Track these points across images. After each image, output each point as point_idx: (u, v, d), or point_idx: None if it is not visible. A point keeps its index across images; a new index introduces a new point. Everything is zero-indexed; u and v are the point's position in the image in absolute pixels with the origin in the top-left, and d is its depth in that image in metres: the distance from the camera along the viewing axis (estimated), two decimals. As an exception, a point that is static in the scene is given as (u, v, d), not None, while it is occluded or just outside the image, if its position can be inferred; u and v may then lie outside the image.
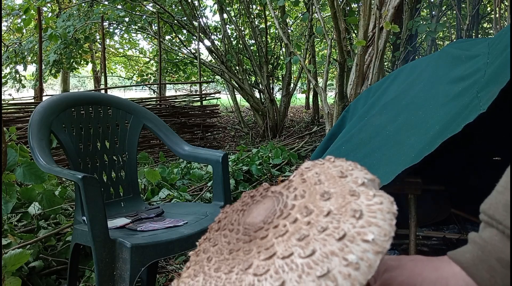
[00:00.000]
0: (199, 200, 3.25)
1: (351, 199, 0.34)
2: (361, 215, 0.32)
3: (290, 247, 0.32)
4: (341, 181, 0.36)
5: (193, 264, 0.39)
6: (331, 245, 0.31)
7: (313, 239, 0.32)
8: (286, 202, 0.37)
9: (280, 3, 5.30)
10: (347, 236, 0.31)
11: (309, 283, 0.30)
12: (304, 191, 0.37)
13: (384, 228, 0.31)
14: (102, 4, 7.84)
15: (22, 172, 2.01)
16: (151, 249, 1.41)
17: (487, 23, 9.90)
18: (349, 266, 0.30)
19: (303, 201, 0.36)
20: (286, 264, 0.31)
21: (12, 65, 8.07)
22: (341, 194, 0.35)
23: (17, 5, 8.08)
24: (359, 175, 0.36)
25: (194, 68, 10.94)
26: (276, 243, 0.33)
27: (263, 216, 0.37)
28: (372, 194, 0.34)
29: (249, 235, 0.36)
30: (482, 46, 1.87)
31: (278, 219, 0.35)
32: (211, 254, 0.38)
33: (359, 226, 0.32)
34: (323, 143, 2.73)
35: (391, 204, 0.33)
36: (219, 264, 0.36)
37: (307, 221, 0.33)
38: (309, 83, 8.86)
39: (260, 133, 7.39)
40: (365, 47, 3.81)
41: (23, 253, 1.61)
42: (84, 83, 26.28)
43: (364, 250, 0.30)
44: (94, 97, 2.01)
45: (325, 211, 0.33)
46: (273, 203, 0.38)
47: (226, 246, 0.37)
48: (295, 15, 10.72)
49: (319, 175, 0.38)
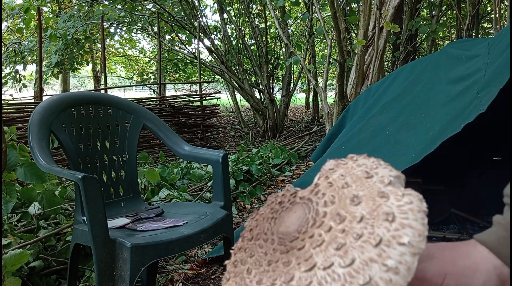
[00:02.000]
0: (199, 200, 3.25)
1: (381, 201, 0.34)
2: (393, 218, 0.33)
3: (330, 257, 0.33)
4: (368, 182, 0.37)
5: (232, 276, 0.39)
6: (369, 252, 0.32)
7: (350, 247, 0.32)
8: (317, 210, 0.37)
9: (280, 3, 5.30)
10: (383, 241, 0.32)
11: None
12: (333, 196, 0.37)
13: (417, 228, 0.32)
14: (102, 4, 7.84)
15: (22, 172, 2.01)
16: (151, 249, 1.41)
17: (487, 23, 9.90)
18: (389, 271, 0.30)
19: (334, 207, 0.36)
20: (328, 275, 0.32)
21: (12, 65, 8.07)
22: (370, 196, 0.35)
23: (17, 6, 8.08)
24: (385, 174, 0.37)
25: (194, 68, 10.94)
26: (315, 254, 0.34)
27: (296, 225, 0.37)
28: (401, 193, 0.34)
29: (285, 245, 0.36)
30: (482, 46, 1.87)
31: (312, 228, 0.36)
32: (250, 266, 0.38)
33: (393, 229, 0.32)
34: (323, 143, 2.73)
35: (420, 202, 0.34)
36: (260, 277, 0.36)
37: (342, 228, 0.34)
38: (309, 83, 8.86)
39: (260, 133, 7.39)
40: (365, 47, 3.81)
41: (23, 253, 1.61)
42: (84, 83, 26.28)
43: (402, 254, 0.31)
44: (94, 97, 2.01)
45: (358, 217, 0.34)
46: (304, 211, 0.38)
47: (263, 257, 0.37)
48: (295, 15, 10.71)
49: (345, 177, 0.38)
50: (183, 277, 2.19)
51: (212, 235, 1.62)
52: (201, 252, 2.49)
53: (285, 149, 5.12)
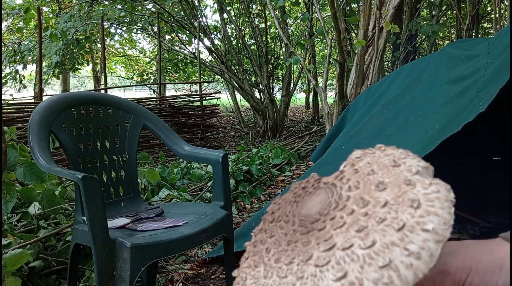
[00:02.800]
0: (199, 200, 3.25)
1: (407, 188, 0.34)
2: (419, 205, 0.32)
3: (350, 238, 0.32)
4: (395, 170, 0.36)
5: (251, 255, 0.39)
6: (390, 235, 0.31)
7: (372, 230, 0.32)
8: (341, 194, 0.36)
9: (280, 3, 5.30)
10: (406, 226, 0.31)
11: (372, 273, 0.30)
12: (357, 182, 0.37)
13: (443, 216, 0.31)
14: (103, 4, 7.84)
15: (22, 172, 2.01)
16: (151, 249, 1.41)
17: (487, 23, 9.90)
18: (410, 256, 0.30)
19: (358, 192, 0.36)
20: (347, 255, 0.32)
21: (12, 65, 8.08)
22: (396, 183, 0.34)
23: (17, 5, 8.08)
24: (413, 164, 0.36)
25: (194, 68, 10.94)
26: (335, 235, 0.33)
27: (319, 208, 0.37)
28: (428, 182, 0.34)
29: (306, 226, 0.36)
30: (482, 46, 1.88)
31: (334, 211, 0.35)
32: (269, 245, 0.38)
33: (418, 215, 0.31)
34: (323, 143, 2.73)
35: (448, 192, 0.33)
36: (278, 255, 0.36)
37: (364, 212, 0.33)
38: (309, 83, 8.86)
39: (260, 133, 7.39)
40: (365, 47, 3.82)
41: (23, 253, 1.61)
42: (84, 83, 26.28)
43: (425, 240, 0.30)
44: (94, 97, 2.01)
45: (382, 202, 0.33)
46: (327, 194, 0.38)
47: (283, 237, 0.37)
48: (295, 15, 10.71)
49: (372, 165, 0.38)
50: (183, 277, 2.19)
51: (212, 235, 1.62)
52: (201, 252, 2.49)
53: (285, 149, 5.12)
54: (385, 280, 0.29)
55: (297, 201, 0.40)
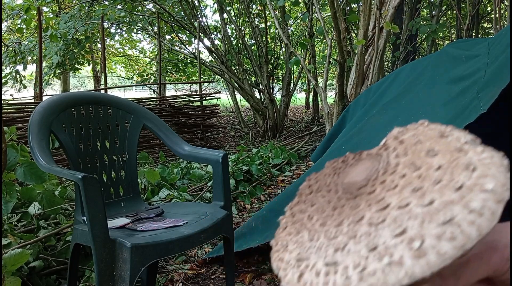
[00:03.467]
0: (199, 200, 3.25)
1: (459, 154, 0.32)
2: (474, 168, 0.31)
3: (405, 198, 0.30)
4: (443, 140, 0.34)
5: (290, 224, 0.36)
6: (449, 195, 0.30)
7: (428, 190, 0.30)
8: (389, 161, 0.34)
9: (280, 3, 5.30)
10: (464, 187, 0.30)
11: (433, 229, 0.28)
12: (405, 149, 0.35)
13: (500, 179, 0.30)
14: (103, 4, 7.84)
15: (22, 172, 2.01)
16: (151, 249, 1.41)
17: (487, 23, 9.90)
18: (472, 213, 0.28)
19: (408, 158, 0.34)
20: (404, 213, 0.30)
21: (12, 65, 8.08)
22: (447, 150, 0.33)
23: (17, 6, 8.08)
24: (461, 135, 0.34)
25: (194, 68, 10.95)
26: (388, 196, 0.31)
27: (365, 175, 0.34)
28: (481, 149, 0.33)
29: (352, 192, 0.34)
30: (482, 46, 1.87)
31: (384, 176, 0.33)
32: (311, 213, 0.35)
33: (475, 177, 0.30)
34: (323, 143, 2.73)
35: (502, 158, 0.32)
36: (323, 220, 0.33)
37: (418, 175, 0.32)
38: (309, 83, 8.86)
39: (260, 133, 7.39)
40: (365, 47, 3.82)
41: (23, 253, 1.61)
42: (84, 83, 26.28)
43: (485, 199, 0.29)
44: (94, 97, 2.01)
45: (435, 166, 0.32)
46: (372, 163, 0.35)
47: (326, 204, 0.35)
48: (295, 15, 10.72)
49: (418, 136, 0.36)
50: (183, 277, 2.19)
51: (212, 235, 1.62)
52: (201, 252, 2.49)
53: (285, 149, 5.12)
54: (448, 235, 0.28)
55: (337, 173, 0.37)
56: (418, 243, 0.28)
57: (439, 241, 0.28)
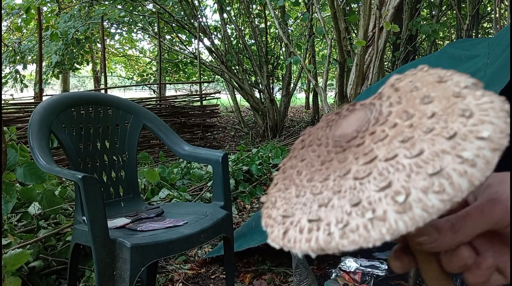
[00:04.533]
0: (199, 200, 3.25)
1: (456, 100, 0.30)
2: (471, 114, 0.29)
3: (393, 150, 0.29)
4: (441, 85, 0.32)
5: (281, 180, 0.35)
6: (440, 144, 0.28)
7: (418, 139, 0.28)
8: (381, 110, 0.33)
9: (280, 3, 5.30)
10: (458, 135, 0.28)
11: (420, 182, 0.27)
12: (399, 97, 0.33)
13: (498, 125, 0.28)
14: (103, 4, 7.84)
15: (22, 172, 2.01)
16: (151, 249, 1.41)
17: (487, 23, 9.90)
18: (464, 163, 0.27)
19: (401, 107, 0.32)
20: (390, 166, 0.28)
21: (12, 65, 8.08)
22: (444, 96, 0.31)
23: (17, 5, 8.08)
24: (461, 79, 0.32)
25: (194, 68, 10.95)
26: (376, 148, 0.30)
27: (356, 126, 0.33)
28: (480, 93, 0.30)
29: (341, 146, 0.32)
30: (482, 46, 1.87)
31: (374, 126, 0.31)
32: (300, 168, 0.34)
33: (471, 124, 0.28)
34: (323, 143, 2.73)
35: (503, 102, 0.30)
36: (311, 175, 0.32)
37: (409, 124, 0.30)
38: (309, 83, 8.87)
39: (260, 133, 7.39)
40: (365, 47, 3.81)
41: (23, 253, 1.61)
42: (84, 83, 26.27)
43: (479, 148, 0.27)
44: (94, 97, 2.01)
45: (429, 114, 0.30)
46: (365, 113, 0.34)
47: (316, 159, 0.33)
48: (295, 15, 10.72)
49: (414, 83, 0.34)
50: (183, 277, 2.19)
51: (212, 235, 1.62)
52: (201, 252, 2.49)
53: (285, 149, 5.12)
54: (436, 188, 0.26)
55: (330, 125, 0.36)
56: (403, 197, 0.27)
57: (426, 194, 0.26)
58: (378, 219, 0.27)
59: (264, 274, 2.22)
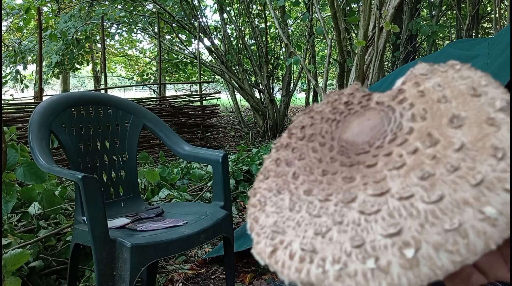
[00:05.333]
0: (199, 200, 3.25)
1: (489, 130, 0.26)
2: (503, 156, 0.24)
3: (410, 186, 0.25)
4: (474, 101, 0.27)
5: (273, 175, 0.31)
6: (464, 191, 0.24)
7: (440, 180, 0.25)
8: (401, 123, 0.28)
9: (280, 3, 5.30)
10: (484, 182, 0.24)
11: (433, 235, 0.23)
12: (424, 110, 0.28)
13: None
14: (103, 4, 7.85)
15: (22, 172, 2.01)
16: (151, 249, 1.41)
17: (487, 23, 9.90)
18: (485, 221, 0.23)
19: (425, 124, 0.27)
20: (403, 208, 0.24)
21: (12, 65, 8.08)
22: (475, 121, 0.26)
23: (17, 5, 8.08)
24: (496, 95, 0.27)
25: (194, 68, 10.95)
26: (390, 177, 0.26)
27: (369, 137, 0.29)
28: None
29: (349, 156, 0.29)
30: (482, 46, 1.87)
31: (390, 145, 0.27)
32: (297, 170, 0.30)
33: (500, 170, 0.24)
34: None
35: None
36: (309, 186, 0.29)
37: (432, 154, 0.26)
38: (309, 83, 8.87)
39: (260, 133, 7.39)
40: (365, 47, 3.81)
41: (23, 253, 1.61)
42: (84, 83, 26.27)
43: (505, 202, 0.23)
44: (94, 97, 2.01)
45: (457, 144, 0.26)
46: (381, 120, 0.29)
47: (316, 164, 0.30)
48: (295, 15, 10.72)
49: (443, 89, 0.29)
50: (183, 277, 2.19)
51: (212, 235, 1.62)
52: (201, 252, 2.49)
53: (285, 149, 5.12)
54: (449, 246, 0.23)
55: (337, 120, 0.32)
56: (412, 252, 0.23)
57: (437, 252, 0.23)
58: (380, 270, 0.24)
59: (264, 274, 2.22)
